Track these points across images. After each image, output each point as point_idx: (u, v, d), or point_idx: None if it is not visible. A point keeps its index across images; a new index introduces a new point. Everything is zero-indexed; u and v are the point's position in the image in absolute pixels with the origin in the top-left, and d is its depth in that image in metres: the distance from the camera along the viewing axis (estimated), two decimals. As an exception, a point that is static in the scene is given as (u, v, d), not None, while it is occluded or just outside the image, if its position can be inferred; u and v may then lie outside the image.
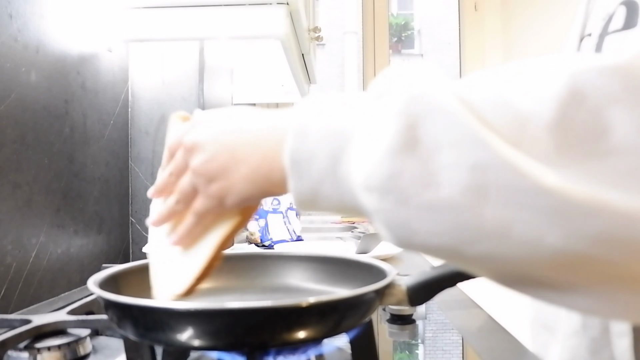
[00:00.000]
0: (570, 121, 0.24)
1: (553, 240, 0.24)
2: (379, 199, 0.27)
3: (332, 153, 0.30)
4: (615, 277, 0.25)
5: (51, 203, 0.78)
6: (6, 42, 0.68)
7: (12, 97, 0.69)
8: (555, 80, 0.25)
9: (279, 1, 0.97)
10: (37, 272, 0.74)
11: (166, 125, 1.17)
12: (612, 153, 0.23)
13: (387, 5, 2.93)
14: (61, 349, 0.48)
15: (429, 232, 0.27)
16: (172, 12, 1.00)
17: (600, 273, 0.25)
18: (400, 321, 0.66)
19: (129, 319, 0.39)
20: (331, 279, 0.54)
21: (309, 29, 1.35)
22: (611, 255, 0.24)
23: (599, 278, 0.25)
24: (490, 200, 0.25)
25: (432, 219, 0.26)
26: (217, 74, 1.24)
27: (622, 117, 0.23)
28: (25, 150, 0.72)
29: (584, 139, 0.24)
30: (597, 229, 0.23)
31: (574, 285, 0.26)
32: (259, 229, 1.49)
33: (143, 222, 1.08)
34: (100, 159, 0.95)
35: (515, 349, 0.57)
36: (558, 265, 0.25)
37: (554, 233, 0.24)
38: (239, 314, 0.37)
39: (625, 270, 0.24)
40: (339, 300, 0.40)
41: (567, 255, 0.24)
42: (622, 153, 0.23)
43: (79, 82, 0.87)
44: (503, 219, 0.25)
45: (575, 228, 0.24)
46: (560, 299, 0.27)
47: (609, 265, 0.24)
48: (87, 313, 0.55)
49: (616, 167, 0.23)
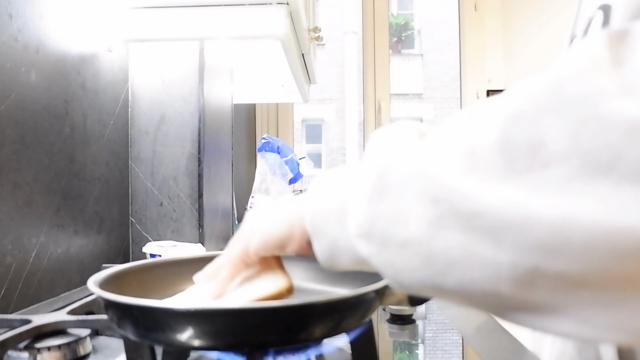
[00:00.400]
0: (512, 139, 0.25)
1: (505, 258, 0.25)
2: (367, 244, 0.31)
3: (338, 215, 0.34)
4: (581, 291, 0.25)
5: (51, 203, 0.78)
6: (6, 42, 0.68)
7: (12, 97, 0.69)
8: (496, 108, 0.27)
9: (279, 1, 0.97)
10: (37, 272, 0.74)
11: (166, 125, 1.17)
12: (549, 162, 0.24)
13: (387, 5, 2.93)
14: (61, 349, 0.48)
15: (408, 268, 0.29)
16: (172, 12, 1.00)
17: (565, 288, 0.25)
18: (400, 321, 0.66)
19: (129, 319, 0.39)
20: (331, 279, 0.54)
21: (309, 29, 1.35)
22: (560, 264, 0.24)
23: (567, 295, 0.25)
24: (450, 228, 0.27)
25: (408, 254, 0.29)
26: (217, 74, 1.24)
27: (553, 125, 0.24)
28: (25, 150, 0.72)
29: (525, 154, 0.25)
30: (534, 239, 0.24)
31: (550, 307, 0.26)
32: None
33: (143, 222, 1.08)
34: (100, 159, 0.95)
35: (515, 349, 0.57)
36: (523, 284, 0.26)
37: (502, 251, 0.25)
38: (239, 314, 0.37)
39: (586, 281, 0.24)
40: (339, 300, 0.40)
41: (524, 271, 0.25)
42: (557, 160, 0.24)
43: (79, 82, 0.87)
44: (462, 245, 0.26)
45: (517, 242, 0.25)
46: (543, 324, 0.27)
47: (567, 277, 0.24)
48: (87, 313, 0.55)
49: (553, 176, 0.24)
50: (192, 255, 0.58)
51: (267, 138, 1.67)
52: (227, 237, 1.35)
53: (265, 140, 1.66)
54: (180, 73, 1.10)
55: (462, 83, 2.89)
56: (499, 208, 0.25)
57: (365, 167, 0.32)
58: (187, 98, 1.09)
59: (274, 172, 1.59)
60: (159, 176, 1.09)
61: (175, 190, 1.09)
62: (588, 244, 0.23)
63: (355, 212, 0.32)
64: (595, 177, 0.23)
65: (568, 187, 0.24)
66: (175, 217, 1.08)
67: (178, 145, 1.09)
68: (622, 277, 0.23)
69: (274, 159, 1.62)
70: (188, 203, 1.09)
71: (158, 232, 1.08)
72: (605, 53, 0.24)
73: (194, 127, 1.09)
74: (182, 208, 1.09)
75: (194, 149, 1.09)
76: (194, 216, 1.09)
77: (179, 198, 1.09)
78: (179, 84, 1.10)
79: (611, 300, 0.24)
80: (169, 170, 1.09)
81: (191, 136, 1.09)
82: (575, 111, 0.24)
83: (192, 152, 1.09)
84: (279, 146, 1.67)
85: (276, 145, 1.67)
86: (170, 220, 1.08)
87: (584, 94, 0.24)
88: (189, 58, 1.10)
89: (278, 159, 1.63)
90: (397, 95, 9.12)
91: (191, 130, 1.09)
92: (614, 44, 0.24)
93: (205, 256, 0.58)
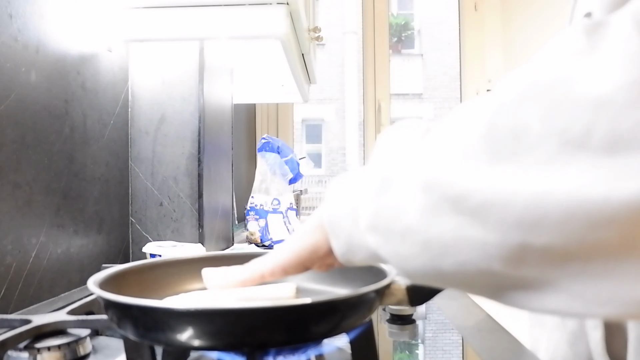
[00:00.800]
0: (497, 128, 0.27)
1: (492, 237, 0.27)
2: (375, 236, 0.34)
3: (352, 214, 0.37)
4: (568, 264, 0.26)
5: (51, 203, 0.78)
6: (6, 42, 0.68)
7: (12, 97, 0.69)
8: (483, 103, 0.29)
9: (279, 1, 0.97)
10: (37, 272, 0.74)
11: (166, 125, 1.17)
12: (532, 145, 0.26)
13: (387, 5, 2.93)
14: (61, 349, 0.48)
15: (410, 255, 0.32)
16: (172, 12, 1.00)
17: (552, 262, 0.26)
18: (400, 321, 0.66)
19: (129, 319, 0.39)
20: (331, 279, 0.54)
21: (309, 29, 1.35)
22: (543, 239, 0.25)
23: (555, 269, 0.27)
24: (442, 214, 0.29)
25: (409, 242, 0.31)
26: (217, 74, 1.24)
27: (532, 111, 0.26)
28: (25, 150, 0.72)
29: (510, 140, 0.27)
30: (515, 216, 0.26)
31: (542, 283, 0.27)
32: (259, 229, 1.49)
33: (143, 222, 1.08)
34: (100, 159, 0.95)
35: (515, 349, 0.57)
36: (512, 261, 0.27)
37: (489, 230, 0.27)
38: (239, 314, 0.37)
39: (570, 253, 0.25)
40: (339, 300, 0.40)
41: (511, 249, 0.27)
42: (538, 143, 0.25)
43: (79, 82, 0.87)
44: (453, 228, 0.29)
45: (501, 220, 0.26)
46: (538, 302, 0.28)
47: (552, 251, 0.26)
48: (87, 313, 0.55)
49: (535, 157, 0.25)
50: (192, 255, 0.58)
51: (267, 138, 1.67)
52: (227, 237, 1.35)
53: (265, 140, 1.66)
54: (180, 73, 1.10)
55: (462, 83, 2.89)
56: (483, 189, 0.27)
57: (374, 167, 0.36)
58: (187, 98, 1.09)
59: (274, 172, 1.59)
60: (159, 176, 1.09)
61: (175, 190, 1.09)
62: (565, 217, 0.24)
63: (364, 208, 0.35)
64: (572, 153, 0.24)
65: (548, 166, 0.25)
66: (175, 217, 1.09)
67: (178, 145, 1.09)
68: (603, 248, 0.25)
69: (274, 159, 1.62)
70: (188, 203, 1.09)
71: (158, 232, 1.08)
72: (580, 41, 0.26)
73: (194, 127, 1.09)
74: (182, 208, 1.09)
75: (194, 149, 1.09)
76: (194, 216, 1.09)
77: (179, 198, 1.09)
78: (179, 84, 1.10)
79: (597, 272, 0.25)
80: (169, 170, 1.09)
81: (191, 136, 1.09)
82: (550, 96, 0.26)
83: (192, 152, 1.09)
84: (279, 146, 1.67)
85: (276, 145, 1.67)
86: (170, 220, 1.09)
87: (558, 79, 0.26)
88: (189, 58, 1.10)
89: (278, 159, 1.63)
90: (397, 95, 9.11)
91: (191, 130, 1.09)
92: (590, 33, 0.26)
93: (205, 256, 0.58)
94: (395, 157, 0.34)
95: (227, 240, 1.36)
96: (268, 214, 1.50)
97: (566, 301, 0.27)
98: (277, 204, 1.52)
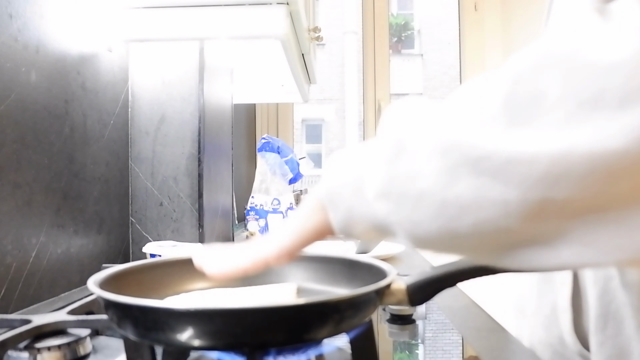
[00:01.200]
0: (516, 96, 0.29)
1: (513, 195, 0.29)
2: (386, 204, 0.34)
3: (355, 184, 0.38)
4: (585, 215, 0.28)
5: (51, 203, 0.78)
6: (6, 42, 0.68)
7: (12, 97, 0.69)
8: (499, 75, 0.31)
9: (279, 1, 0.97)
10: (37, 272, 0.74)
11: (166, 125, 1.17)
12: (549, 109, 0.28)
13: (387, 5, 2.93)
14: (61, 349, 0.48)
15: (424, 219, 0.32)
16: (172, 12, 1.00)
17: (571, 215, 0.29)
18: (400, 321, 0.66)
19: (129, 319, 0.39)
20: (331, 279, 0.54)
21: (309, 29, 1.35)
22: (564, 192, 0.28)
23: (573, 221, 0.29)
24: (461, 175, 0.30)
25: (424, 206, 0.32)
26: (217, 74, 1.24)
27: (550, 79, 0.28)
28: (25, 150, 0.72)
29: (528, 106, 0.29)
30: (539, 172, 0.27)
31: (557, 236, 0.30)
32: (259, 229, 1.49)
33: (143, 222, 1.08)
34: (100, 159, 0.95)
35: (515, 349, 0.57)
36: (531, 217, 0.29)
37: (510, 188, 0.29)
38: (239, 314, 0.37)
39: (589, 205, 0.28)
40: (339, 300, 0.40)
41: (532, 205, 0.28)
42: (555, 106, 0.28)
43: (79, 82, 0.87)
44: (473, 189, 0.30)
45: (523, 178, 0.28)
46: (550, 257, 0.30)
47: (572, 204, 0.28)
48: (87, 313, 0.55)
49: (553, 119, 0.28)
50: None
51: (267, 138, 1.67)
52: (227, 237, 1.35)
53: (265, 140, 1.66)
54: (180, 73, 1.10)
55: (462, 83, 2.89)
56: (505, 149, 0.28)
57: (383, 136, 0.36)
58: (187, 98, 1.09)
59: (274, 172, 1.59)
60: (159, 176, 1.09)
61: (175, 190, 1.09)
62: (588, 170, 0.27)
63: (373, 176, 0.35)
64: (589, 112, 0.27)
65: (567, 125, 0.27)
66: (175, 217, 1.09)
67: (178, 145, 1.09)
68: (619, 197, 0.27)
69: (274, 159, 1.62)
70: (188, 203, 1.09)
71: (158, 232, 1.08)
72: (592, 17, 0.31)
73: (194, 127, 1.09)
74: (182, 208, 1.09)
75: (194, 149, 1.09)
76: (194, 216, 1.09)
77: (179, 198, 1.09)
78: (179, 84, 1.10)
79: (611, 221, 0.28)
80: (169, 170, 1.09)
81: (191, 136, 1.09)
82: (566, 64, 0.28)
83: (192, 152, 1.09)
84: (279, 146, 1.67)
85: (276, 145, 1.67)
86: (170, 220, 1.09)
87: (573, 49, 0.28)
88: (189, 58, 1.10)
89: (278, 159, 1.63)
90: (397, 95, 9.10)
91: (191, 130, 1.09)
92: (600, 10, 0.30)
93: (205, 256, 0.58)
94: (407, 125, 0.35)
95: (227, 240, 1.36)
96: (268, 214, 1.50)
97: (579, 252, 0.29)
98: (277, 204, 1.52)
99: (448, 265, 0.45)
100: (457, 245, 0.34)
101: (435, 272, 0.45)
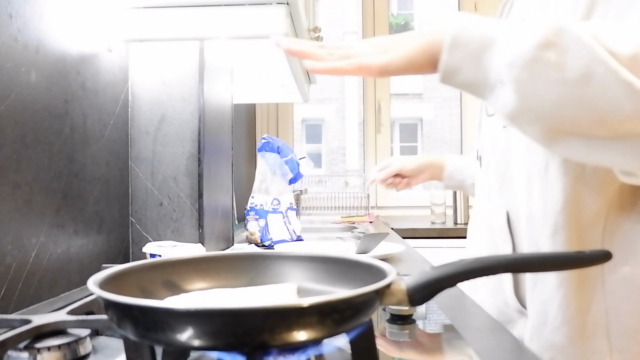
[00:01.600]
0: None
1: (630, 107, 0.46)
2: (519, 72, 0.47)
3: (482, 44, 0.49)
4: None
5: (51, 203, 0.78)
6: (6, 42, 0.68)
7: (12, 97, 0.69)
8: (631, 38, 0.47)
9: (279, 1, 0.97)
10: (37, 272, 0.74)
11: (166, 125, 1.17)
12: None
13: (387, 5, 2.93)
14: (61, 349, 0.48)
15: (552, 99, 0.47)
16: (172, 12, 1.00)
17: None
18: (400, 321, 0.66)
19: (129, 319, 0.39)
20: (331, 279, 0.54)
21: (309, 29, 1.35)
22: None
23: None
24: (593, 82, 0.46)
25: (556, 91, 0.47)
26: (217, 74, 1.24)
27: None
28: (25, 150, 0.72)
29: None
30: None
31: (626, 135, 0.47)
32: (259, 229, 1.49)
33: (143, 222, 1.08)
34: (100, 159, 0.95)
35: (515, 349, 0.57)
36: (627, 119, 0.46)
37: (631, 102, 0.46)
38: (239, 314, 0.37)
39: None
40: (339, 300, 0.40)
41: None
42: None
43: (79, 82, 0.87)
44: (601, 92, 0.46)
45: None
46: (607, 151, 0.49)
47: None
48: (87, 313, 0.55)
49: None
50: (192, 255, 0.58)
51: (267, 138, 1.67)
52: (227, 237, 1.35)
53: (265, 140, 1.66)
54: (180, 73, 1.10)
55: (462, 83, 2.89)
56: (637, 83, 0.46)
57: (537, 24, 0.48)
58: (187, 98, 1.09)
59: (274, 172, 1.59)
60: (159, 176, 1.09)
61: (175, 190, 1.09)
62: None
63: (517, 50, 0.47)
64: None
65: None
66: (175, 217, 1.09)
67: (178, 145, 1.09)
68: None
69: (274, 159, 1.62)
70: (188, 203, 1.09)
71: (158, 232, 1.08)
72: None
73: (194, 127, 1.09)
74: (182, 208, 1.09)
75: (194, 149, 1.09)
76: (194, 216, 1.09)
77: (179, 198, 1.09)
78: (179, 84, 1.10)
79: None
80: (169, 170, 1.09)
81: (191, 136, 1.09)
82: None
83: (192, 152, 1.09)
84: (279, 146, 1.67)
85: (276, 145, 1.67)
86: (170, 220, 1.09)
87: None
88: (189, 58, 1.10)
89: (278, 159, 1.63)
90: (397, 95, 9.10)
91: (191, 130, 1.09)
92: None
93: (205, 256, 0.58)
94: (562, 23, 0.47)
95: (227, 240, 1.36)
96: (268, 214, 1.50)
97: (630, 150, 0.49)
98: (277, 204, 1.52)
99: (448, 265, 0.45)
100: (561, 115, 0.47)
101: (435, 272, 0.45)
